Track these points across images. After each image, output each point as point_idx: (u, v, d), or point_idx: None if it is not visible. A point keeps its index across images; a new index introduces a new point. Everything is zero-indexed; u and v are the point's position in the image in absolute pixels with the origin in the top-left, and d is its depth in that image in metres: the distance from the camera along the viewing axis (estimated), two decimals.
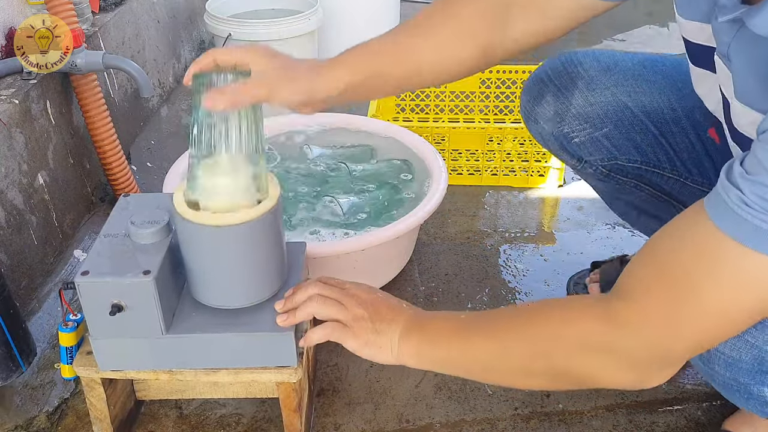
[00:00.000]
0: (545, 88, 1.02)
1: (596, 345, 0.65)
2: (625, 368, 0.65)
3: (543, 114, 1.03)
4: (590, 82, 0.99)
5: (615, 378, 0.66)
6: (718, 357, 0.71)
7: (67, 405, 1.03)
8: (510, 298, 1.26)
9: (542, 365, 0.69)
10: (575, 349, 0.66)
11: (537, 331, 0.69)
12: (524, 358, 0.70)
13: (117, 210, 0.90)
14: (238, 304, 0.85)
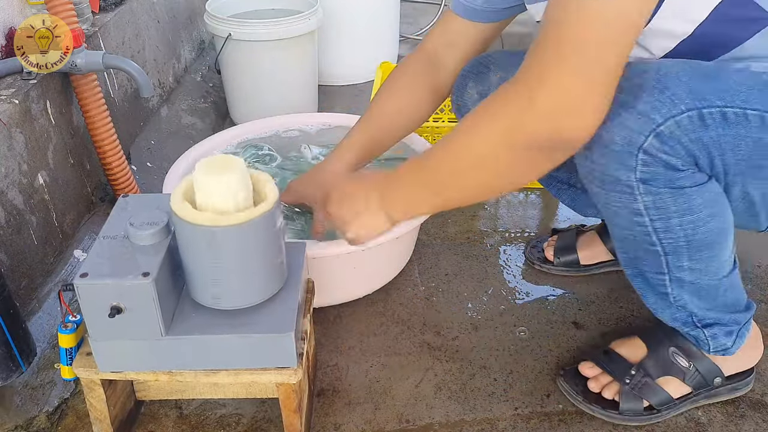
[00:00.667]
0: (466, 79, 1.17)
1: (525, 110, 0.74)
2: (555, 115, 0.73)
3: (469, 99, 1.17)
4: (501, 62, 1.15)
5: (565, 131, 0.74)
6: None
7: (67, 405, 1.03)
8: (510, 298, 1.26)
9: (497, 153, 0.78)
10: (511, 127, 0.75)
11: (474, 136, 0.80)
12: (485, 146, 0.78)
13: (116, 211, 0.90)
14: (238, 305, 0.85)
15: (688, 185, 0.83)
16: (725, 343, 0.98)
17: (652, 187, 0.83)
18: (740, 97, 0.79)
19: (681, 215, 0.86)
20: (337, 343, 1.17)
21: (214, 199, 0.79)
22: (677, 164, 0.81)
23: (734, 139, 0.80)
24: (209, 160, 0.80)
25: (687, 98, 0.77)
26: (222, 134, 1.44)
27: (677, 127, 0.78)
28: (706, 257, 0.90)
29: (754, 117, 0.79)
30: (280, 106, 1.80)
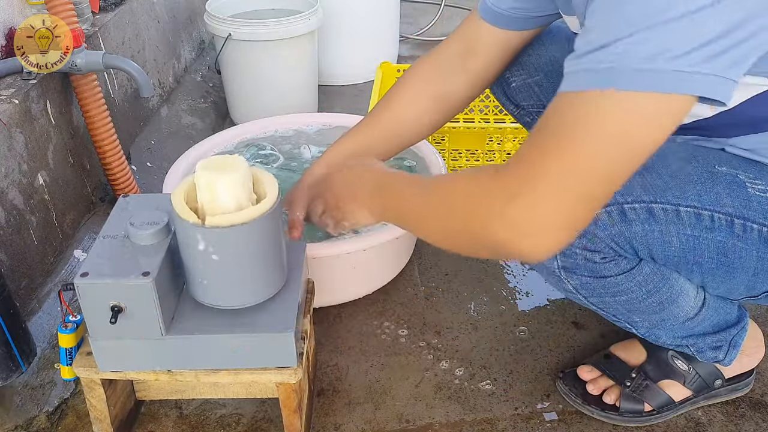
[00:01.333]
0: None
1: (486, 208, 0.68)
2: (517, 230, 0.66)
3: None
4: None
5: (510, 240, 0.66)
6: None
7: (67, 405, 1.03)
8: (510, 298, 1.26)
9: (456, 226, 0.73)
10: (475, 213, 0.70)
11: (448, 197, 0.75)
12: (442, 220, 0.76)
13: (116, 211, 0.90)
14: (238, 304, 0.85)
15: (612, 274, 0.83)
16: (716, 356, 0.98)
17: (575, 275, 0.84)
18: (674, 193, 0.77)
19: (613, 296, 0.87)
20: (337, 343, 1.17)
21: (215, 198, 0.79)
22: (595, 258, 0.81)
23: (663, 235, 0.79)
24: (210, 160, 0.80)
25: None
26: (222, 134, 1.44)
27: (594, 223, 0.78)
28: (656, 317, 0.91)
29: (687, 214, 0.77)
30: (280, 106, 1.80)
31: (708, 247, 0.80)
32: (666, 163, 0.79)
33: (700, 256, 0.81)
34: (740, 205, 0.78)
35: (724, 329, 0.97)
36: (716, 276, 0.84)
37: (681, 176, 0.78)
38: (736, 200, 0.78)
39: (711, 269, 0.82)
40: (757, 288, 0.85)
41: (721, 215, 0.78)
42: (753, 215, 0.78)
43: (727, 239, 0.79)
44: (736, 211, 0.78)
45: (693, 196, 0.77)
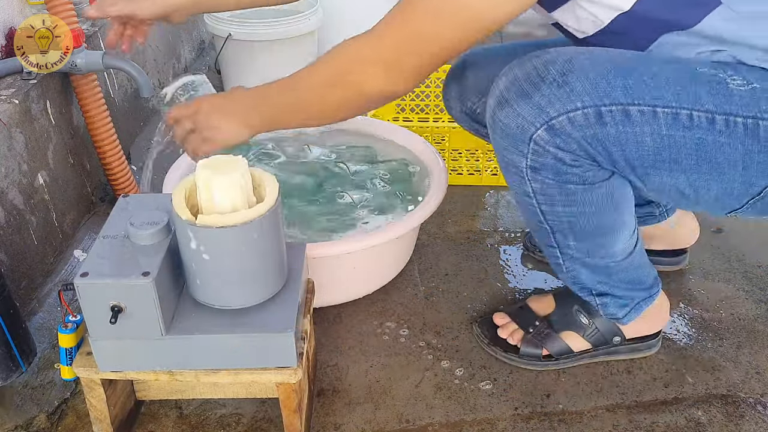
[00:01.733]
0: (449, 80, 1.22)
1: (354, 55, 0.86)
2: (379, 72, 0.84)
3: (451, 98, 1.22)
4: (476, 61, 1.17)
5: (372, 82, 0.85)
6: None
7: (67, 405, 1.03)
8: (510, 298, 1.26)
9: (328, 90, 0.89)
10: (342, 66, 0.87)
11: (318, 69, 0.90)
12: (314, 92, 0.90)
13: (116, 211, 0.90)
14: (238, 304, 0.85)
15: (573, 182, 0.87)
16: (615, 313, 1.05)
17: (540, 176, 0.88)
18: (652, 94, 0.80)
19: (564, 205, 0.91)
20: (337, 343, 1.17)
21: (215, 198, 0.79)
22: (565, 158, 0.84)
23: (636, 136, 0.82)
24: (211, 159, 0.80)
25: (586, 95, 0.80)
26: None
27: (569, 123, 0.81)
28: (591, 244, 0.96)
29: (664, 114, 0.80)
30: None
31: (684, 145, 0.82)
32: (647, 66, 0.82)
33: (677, 154, 0.83)
34: (721, 101, 0.81)
35: (636, 289, 1.03)
36: (702, 173, 0.85)
37: (661, 78, 0.81)
38: (717, 97, 0.81)
39: (692, 166, 0.84)
40: (754, 184, 0.86)
41: (701, 113, 0.81)
42: (735, 109, 0.81)
43: (707, 135, 0.82)
44: (717, 107, 0.81)
45: (671, 96, 0.80)
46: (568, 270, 1.01)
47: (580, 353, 1.10)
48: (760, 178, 0.86)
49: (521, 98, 0.82)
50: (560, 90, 0.80)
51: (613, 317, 1.06)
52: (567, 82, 0.80)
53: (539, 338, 1.10)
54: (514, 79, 0.83)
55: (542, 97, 0.81)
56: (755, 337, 1.17)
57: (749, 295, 1.26)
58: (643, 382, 1.09)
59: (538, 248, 1.36)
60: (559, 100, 0.80)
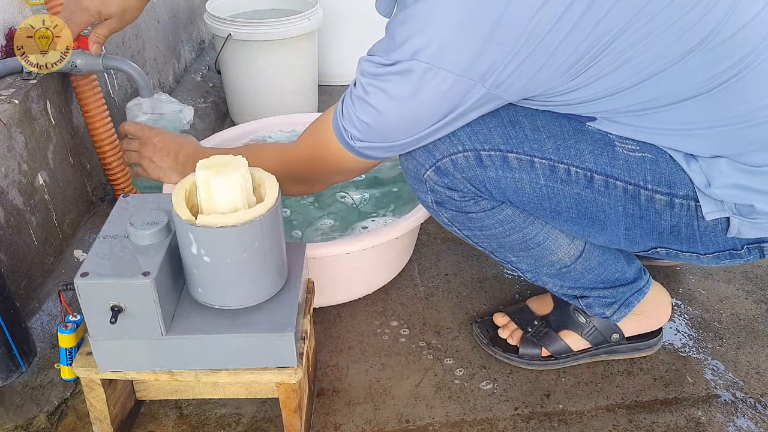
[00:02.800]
0: None
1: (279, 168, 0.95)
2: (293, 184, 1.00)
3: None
4: None
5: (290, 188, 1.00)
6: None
7: (67, 405, 1.03)
8: (510, 297, 1.26)
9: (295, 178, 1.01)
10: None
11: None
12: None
13: (116, 210, 0.90)
14: (238, 304, 0.85)
15: (473, 211, 0.92)
16: (603, 312, 1.05)
17: (444, 209, 0.94)
18: (531, 145, 0.85)
19: (480, 230, 0.95)
20: (337, 343, 1.17)
21: (214, 198, 0.79)
22: (454, 196, 0.91)
23: (516, 182, 0.87)
24: (211, 159, 0.80)
25: (467, 140, 0.85)
26: (222, 134, 1.44)
27: (452, 165, 0.88)
28: (527, 256, 0.98)
29: (541, 165, 0.85)
30: (280, 106, 1.80)
31: (564, 198, 0.87)
32: (532, 120, 0.86)
33: (557, 205, 0.88)
34: (603, 161, 0.84)
35: (616, 286, 1.03)
36: (584, 226, 0.90)
37: (544, 131, 0.85)
38: (599, 157, 0.84)
39: (573, 218, 0.89)
40: (639, 243, 0.91)
41: (579, 169, 0.85)
42: (616, 172, 0.84)
43: (585, 192, 0.86)
44: (597, 167, 0.84)
45: (550, 149, 0.84)
46: (533, 280, 1.03)
47: (579, 352, 1.10)
48: (644, 240, 0.90)
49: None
50: (446, 136, 0.86)
51: (602, 316, 1.06)
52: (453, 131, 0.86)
53: (538, 338, 1.10)
54: None
55: (431, 143, 0.87)
56: (755, 337, 1.17)
57: (749, 295, 1.26)
58: (643, 382, 1.09)
59: None
60: (444, 144, 0.87)
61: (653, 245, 0.91)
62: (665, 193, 0.85)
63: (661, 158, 0.84)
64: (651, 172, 0.84)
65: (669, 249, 0.91)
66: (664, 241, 0.90)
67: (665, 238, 0.89)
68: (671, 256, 0.93)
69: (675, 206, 0.85)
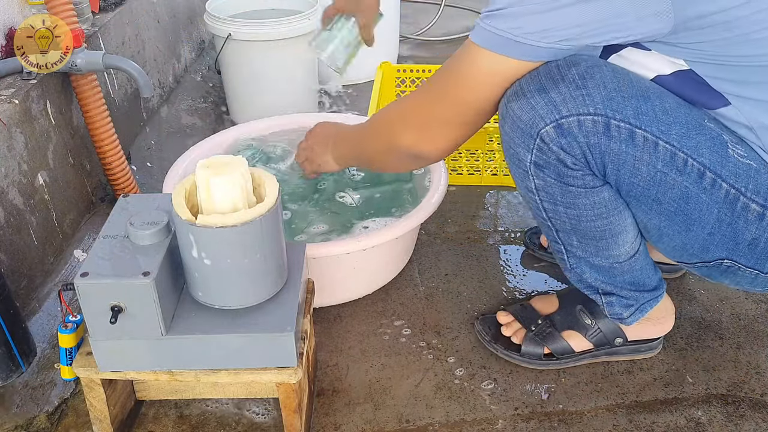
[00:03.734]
0: None
1: (393, 115, 1.00)
2: (409, 130, 0.94)
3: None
4: None
5: (403, 138, 0.95)
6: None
7: (67, 405, 1.03)
8: (510, 297, 1.26)
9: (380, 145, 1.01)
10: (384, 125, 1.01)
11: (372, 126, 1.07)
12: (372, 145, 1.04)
13: (116, 211, 0.90)
14: (238, 304, 0.85)
15: (575, 185, 0.88)
16: (621, 312, 1.05)
17: (543, 173, 0.88)
18: (659, 126, 0.81)
19: (566, 206, 0.91)
20: (337, 343, 1.17)
21: (215, 198, 0.79)
22: (566, 160, 0.85)
23: (635, 161, 0.83)
24: (211, 159, 0.80)
25: (600, 103, 0.81)
26: (222, 134, 1.44)
27: (578, 126, 0.82)
28: (593, 245, 0.96)
29: (664, 149, 0.82)
30: (280, 106, 1.79)
31: (672, 188, 0.84)
32: (663, 99, 0.83)
33: (662, 194, 0.85)
34: (716, 160, 0.82)
35: (640, 290, 1.03)
36: (674, 222, 0.88)
37: (672, 114, 0.82)
38: (714, 155, 0.82)
39: (669, 212, 0.86)
40: (710, 251, 0.89)
41: (695, 162, 0.82)
42: (725, 174, 0.83)
43: (692, 187, 0.83)
44: (711, 164, 0.82)
45: (675, 136, 0.81)
46: (572, 267, 1.01)
47: (581, 353, 1.10)
48: (718, 249, 0.88)
49: (538, 92, 0.83)
50: (577, 91, 0.81)
51: (618, 317, 1.05)
52: (585, 86, 0.81)
53: (541, 337, 1.10)
54: (536, 74, 0.83)
55: (558, 94, 0.81)
56: (755, 337, 1.17)
57: (749, 295, 1.26)
58: (643, 382, 1.09)
59: (538, 247, 1.36)
60: (574, 101, 0.81)
61: (722, 255, 0.89)
62: (760, 204, 0.83)
63: (763, 169, 0.84)
64: (753, 181, 0.83)
65: (734, 262, 0.90)
66: (735, 254, 0.88)
67: (740, 250, 0.88)
68: (729, 272, 0.91)
69: (765, 220, 0.84)
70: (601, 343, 1.09)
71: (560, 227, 0.95)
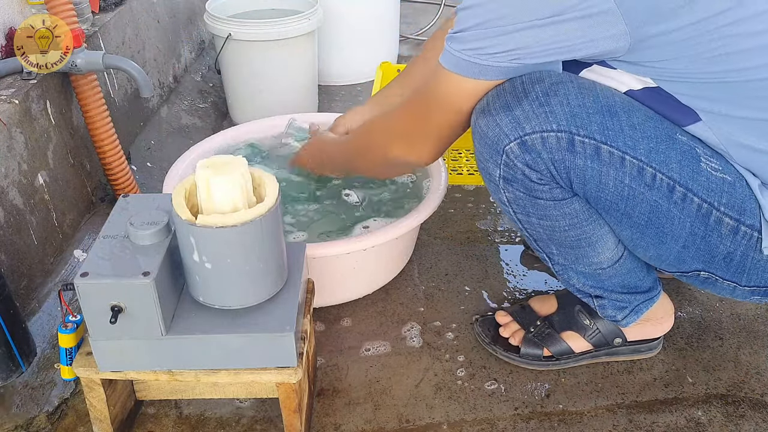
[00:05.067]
0: None
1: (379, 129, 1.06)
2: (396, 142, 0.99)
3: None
4: None
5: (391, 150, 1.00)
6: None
7: (67, 405, 1.03)
8: (510, 297, 1.26)
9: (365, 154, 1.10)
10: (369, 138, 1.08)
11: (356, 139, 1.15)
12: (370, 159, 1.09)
13: (116, 211, 0.90)
14: (238, 304, 0.85)
15: (543, 198, 0.88)
16: (614, 315, 1.05)
17: (512, 187, 0.89)
18: (626, 141, 0.81)
19: (539, 218, 0.92)
20: (337, 343, 1.16)
21: (215, 198, 0.79)
22: (532, 176, 0.86)
23: (600, 176, 0.83)
24: (210, 160, 0.80)
25: (563, 119, 0.81)
26: (222, 134, 1.44)
27: (541, 142, 0.82)
28: (572, 253, 0.96)
29: (631, 164, 0.82)
30: (280, 106, 1.80)
31: (642, 202, 0.84)
32: (631, 114, 0.83)
33: (632, 208, 0.85)
34: (687, 174, 0.82)
35: (632, 293, 1.03)
36: (645, 235, 0.88)
37: (640, 129, 0.82)
38: (685, 169, 0.82)
39: (640, 225, 0.87)
40: (686, 263, 0.90)
41: (664, 177, 0.82)
42: (697, 188, 0.83)
43: (663, 201, 0.83)
44: (681, 178, 0.82)
45: (643, 150, 0.82)
46: (559, 273, 1.02)
47: (581, 354, 1.10)
48: (693, 261, 0.89)
49: (503, 109, 0.84)
50: (540, 108, 0.82)
51: (612, 319, 1.06)
52: (548, 103, 0.82)
53: (540, 338, 1.10)
54: (502, 90, 0.85)
55: (521, 112, 0.82)
56: (755, 337, 1.17)
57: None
58: (643, 382, 1.09)
59: None
60: (537, 118, 0.82)
61: (698, 267, 0.90)
62: (734, 219, 0.84)
63: (738, 183, 0.84)
64: (727, 195, 0.83)
65: (711, 274, 0.90)
66: (712, 266, 0.89)
67: (715, 263, 0.88)
68: (708, 282, 0.92)
69: (738, 233, 0.84)
70: (601, 344, 1.09)
71: (537, 237, 0.96)
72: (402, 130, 0.99)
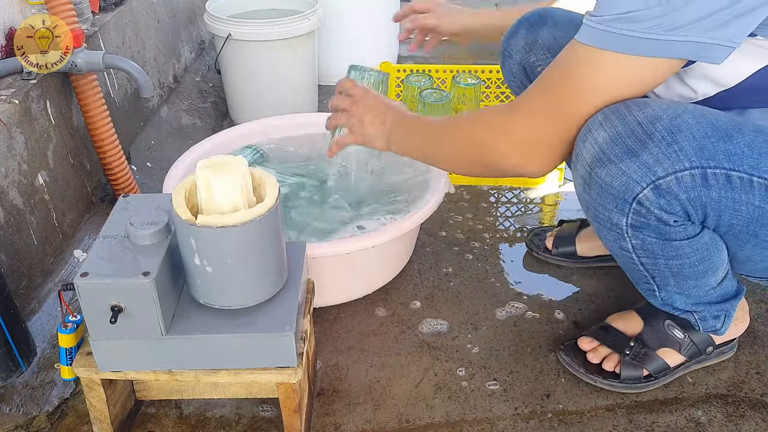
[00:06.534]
0: (520, 25, 1.19)
1: (495, 129, 0.91)
2: (513, 150, 0.89)
3: (515, 46, 1.19)
4: (557, 22, 1.15)
5: (507, 158, 0.90)
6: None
7: (67, 405, 1.03)
8: (510, 297, 1.26)
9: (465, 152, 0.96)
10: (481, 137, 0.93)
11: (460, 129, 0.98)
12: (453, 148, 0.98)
13: (116, 211, 0.90)
14: (238, 304, 0.85)
15: (677, 239, 0.85)
16: (714, 325, 1.02)
17: (641, 234, 0.85)
18: (749, 162, 0.78)
19: (667, 258, 0.89)
20: (337, 343, 1.17)
21: (215, 198, 0.79)
22: (669, 220, 0.82)
23: (735, 204, 0.80)
24: (210, 160, 0.80)
25: (693, 155, 0.78)
26: (222, 134, 1.44)
27: (677, 183, 0.79)
28: (692, 283, 0.94)
29: (759, 184, 0.79)
30: (280, 106, 1.80)
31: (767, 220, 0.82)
32: (742, 133, 0.79)
33: (759, 228, 0.83)
34: None
35: (726, 300, 1.01)
36: (765, 249, 0.86)
37: (756, 147, 0.79)
38: None
39: (765, 243, 0.85)
40: None
41: None
42: None
43: None
44: None
45: (765, 168, 0.79)
46: (663, 299, 0.99)
47: (675, 367, 1.07)
48: None
49: (627, 155, 0.79)
50: (669, 149, 0.78)
51: (712, 330, 1.03)
52: (676, 141, 0.78)
53: (638, 359, 1.06)
54: (617, 135, 0.80)
55: (650, 156, 0.78)
56: (755, 337, 1.17)
57: (749, 295, 1.26)
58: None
59: (542, 249, 1.35)
60: (668, 159, 0.78)
61: None
62: None
63: None
64: None
65: None
66: None
67: None
68: None
69: None
70: (695, 355, 1.07)
71: (658, 275, 0.93)
72: (526, 138, 0.88)
